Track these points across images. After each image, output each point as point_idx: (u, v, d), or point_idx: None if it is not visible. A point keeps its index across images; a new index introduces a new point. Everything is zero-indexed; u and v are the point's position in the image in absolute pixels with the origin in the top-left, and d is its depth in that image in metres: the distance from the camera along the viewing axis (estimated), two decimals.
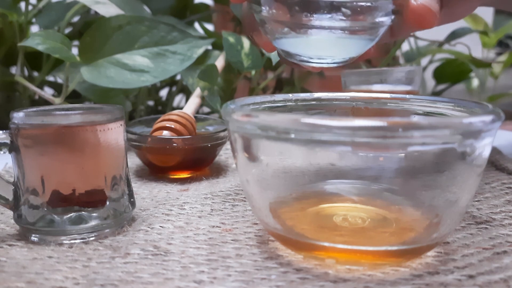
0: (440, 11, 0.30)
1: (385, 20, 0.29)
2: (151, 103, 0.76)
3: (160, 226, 0.31)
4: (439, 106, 0.30)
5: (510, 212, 0.34)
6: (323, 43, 0.31)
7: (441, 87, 0.94)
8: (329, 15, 0.28)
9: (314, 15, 0.29)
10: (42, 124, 0.28)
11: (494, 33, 0.93)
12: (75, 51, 0.53)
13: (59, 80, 0.70)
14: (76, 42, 0.63)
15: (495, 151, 0.50)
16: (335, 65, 0.33)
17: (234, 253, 0.27)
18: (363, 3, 0.28)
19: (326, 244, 0.25)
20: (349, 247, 0.24)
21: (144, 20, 0.55)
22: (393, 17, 0.30)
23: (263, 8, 0.30)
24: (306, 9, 0.28)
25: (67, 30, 0.68)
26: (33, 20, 0.65)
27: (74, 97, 0.64)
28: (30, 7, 0.61)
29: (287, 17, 0.29)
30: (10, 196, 0.30)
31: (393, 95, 0.33)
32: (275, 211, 0.27)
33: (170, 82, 0.75)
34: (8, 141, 0.29)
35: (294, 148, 0.26)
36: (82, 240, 0.29)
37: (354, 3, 0.28)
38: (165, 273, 0.25)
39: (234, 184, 0.41)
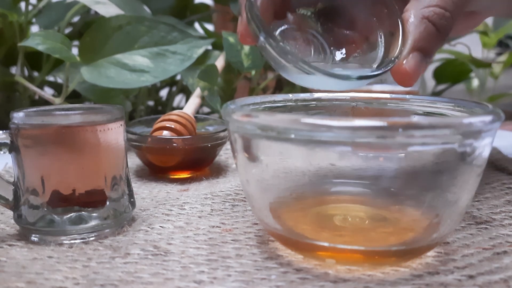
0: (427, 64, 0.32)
1: (381, 72, 0.31)
2: (151, 103, 0.76)
3: (160, 226, 0.31)
4: (439, 106, 0.30)
5: (510, 212, 0.34)
6: (317, 82, 0.31)
7: (441, 87, 0.94)
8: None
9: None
10: (42, 124, 0.28)
11: (494, 33, 0.93)
12: (75, 51, 0.53)
13: (59, 80, 0.70)
14: (76, 42, 0.63)
15: (495, 151, 0.50)
16: None
17: (234, 253, 0.27)
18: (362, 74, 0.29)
19: (326, 244, 0.25)
20: (349, 247, 0.24)
21: (144, 20, 0.55)
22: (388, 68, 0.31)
23: (260, 37, 0.29)
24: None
25: (67, 30, 0.68)
26: (33, 20, 0.65)
27: (74, 97, 0.64)
28: (30, 7, 0.61)
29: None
30: (10, 196, 0.30)
31: (393, 95, 0.33)
32: (275, 211, 0.27)
33: (170, 82, 0.75)
34: (8, 141, 0.29)
35: (294, 148, 0.26)
36: (82, 240, 0.29)
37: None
38: (165, 273, 0.25)
39: (234, 184, 0.41)
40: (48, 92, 0.61)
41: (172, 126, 0.45)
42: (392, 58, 0.30)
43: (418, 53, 0.30)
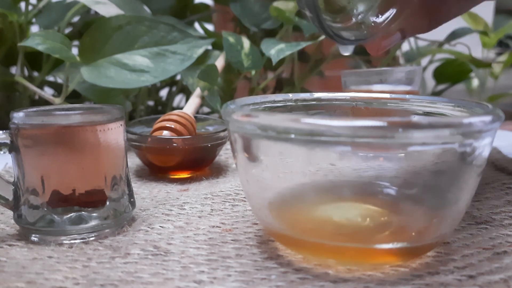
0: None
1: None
2: (151, 103, 0.76)
3: (160, 226, 0.31)
4: (439, 106, 0.30)
5: (510, 212, 0.34)
6: None
7: (441, 87, 0.94)
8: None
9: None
10: (42, 124, 0.28)
11: (494, 33, 0.93)
12: (75, 51, 0.53)
13: (59, 80, 0.70)
14: (76, 42, 0.63)
15: (495, 151, 0.50)
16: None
17: (234, 253, 0.27)
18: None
19: (326, 243, 0.25)
20: (349, 246, 0.24)
21: (144, 20, 0.55)
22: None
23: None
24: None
25: (67, 30, 0.68)
26: (33, 20, 0.65)
27: (74, 97, 0.64)
28: (30, 7, 0.61)
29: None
30: (10, 196, 0.30)
31: (393, 95, 0.33)
32: (275, 211, 0.27)
33: (170, 82, 0.75)
34: (8, 141, 0.29)
35: (294, 148, 0.26)
36: (82, 240, 0.29)
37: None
38: (165, 273, 0.25)
39: (234, 184, 0.41)
40: (48, 92, 0.61)
41: (172, 126, 0.45)
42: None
43: (399, 34, 0.31)
